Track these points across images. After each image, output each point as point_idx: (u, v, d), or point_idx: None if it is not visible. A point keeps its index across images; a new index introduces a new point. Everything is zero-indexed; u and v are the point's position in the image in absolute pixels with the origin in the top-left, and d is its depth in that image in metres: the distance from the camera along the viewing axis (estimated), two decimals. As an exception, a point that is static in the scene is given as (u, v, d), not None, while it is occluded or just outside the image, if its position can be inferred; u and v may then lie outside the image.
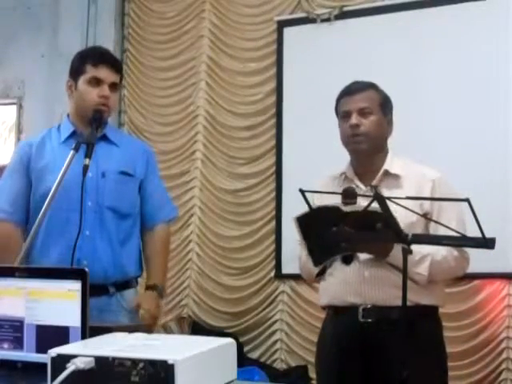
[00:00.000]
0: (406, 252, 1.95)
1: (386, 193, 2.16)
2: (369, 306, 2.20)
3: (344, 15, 4.47)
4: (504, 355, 3.90)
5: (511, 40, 4.02)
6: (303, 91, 4.52)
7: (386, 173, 2.30)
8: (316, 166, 4.23)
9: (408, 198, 2.02)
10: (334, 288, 2.28)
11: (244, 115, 4.79)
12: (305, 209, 2.15)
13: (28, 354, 1.56)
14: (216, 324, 4.71)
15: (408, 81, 4.13)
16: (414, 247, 2.14)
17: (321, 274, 2.36)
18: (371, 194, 2.16)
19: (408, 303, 2.12)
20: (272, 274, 4.60)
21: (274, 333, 4.58)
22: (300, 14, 4.63)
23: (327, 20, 4.51)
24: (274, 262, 4.59)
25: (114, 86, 2.46)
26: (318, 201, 2.32)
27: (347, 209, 2.02)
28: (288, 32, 4.65)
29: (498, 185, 3.94)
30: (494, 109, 4.01)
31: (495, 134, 4.00)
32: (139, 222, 2.56)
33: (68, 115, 2.54)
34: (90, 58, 2.46)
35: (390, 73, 3.94)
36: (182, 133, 4.97)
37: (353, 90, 2.34)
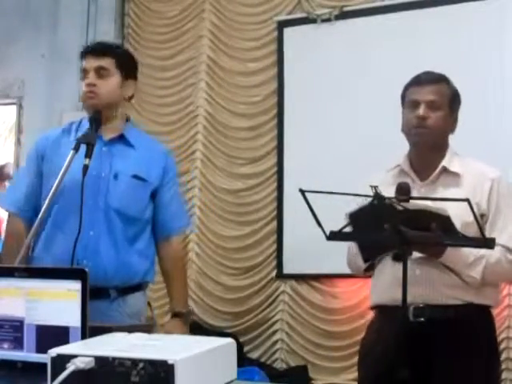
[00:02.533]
0: (406, 252, 1.94)
1: (441, 191, 2.14)
2: (421, 305, 2.12)
3: (344, 15, 4.47)
4: (504, 355, 3.90)
5: (509, 40, 4.02)
6: (304, 91, 4.52)
7: (445, 170, 2.24)
8: (317, 167, 4.26)
9: (410, 198, 2.00)
10: (383, 285, 2.22)
11: (244, 115, 4.79)
12: (311, 208, 2.11)
13: (28, 354, 1.55)
14: (216, 324, 4.71)
15: (407, 81, 4.12)
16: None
17: (370, 269, 2.30)
18: (426, 191, 2.15)
19: (460, 302, 2.10)
20: (273, 274, 4.59)
21: (274, 333, 4.58)
22: (300, 14, 4.63)
23: (327, 20, 4.51)
24: (274, 262, 4.59)
25: (101, 71, 2.37)
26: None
27: (400, 207, 1.94)
28: (288, 32, 4.65)
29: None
30: (494, 108, 4.01)
31: (495, 133, 4.00)
32: (150, 228, 2.49)
33: None
34: (81, 53, 2.44)
35: (390, 73, 3.94)
36: (182, 132, 4.97)
37: (424, 80, 2.28)
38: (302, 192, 2.02)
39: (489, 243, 1.88)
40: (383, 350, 2.20)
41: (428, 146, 2.24)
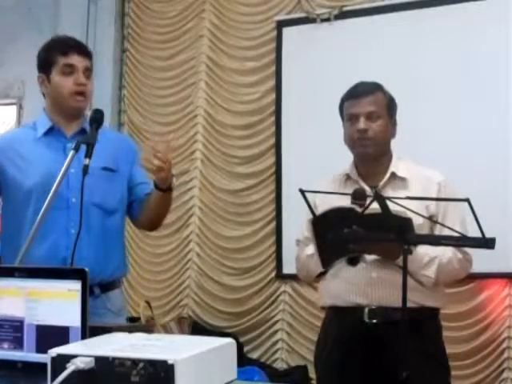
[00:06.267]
0: (406, 252, 1.95)
1: (392, 195, 2.17)
2: (373, 306, 2.20)
3: (344, 15, 4.47)
4: (505, 355, 3.90)
5: (511, 40, 4.02)
6: (302, 91, 4.52)
7: (393, 175, 2.30)
8: (316, 166, 4.24)
9: (408, 198, 2.02)
10: (339, 288, 2.28)
11: (244, 115, 4.79)
12: (306, 209, 2.14)
13: (28, 354, 1.55)
14: (216, 324, 4.71)
15: (407, 81, 4.12)
16: (422, 249, 2.15)
17: (321, 275, 2.35)
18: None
19: (413, 305, 2.15)
20: (273, 274, 4.59)
21: (275, 333, 4.58)
22: (300, 14, 4.63)
23: (327, 20, 4.51)
24: (275, 262, 4.59)
25: (87, 72, 2.39)
26: (319, 201, 2.31)
27: (364, 211, 2.00)
28: (287, 32, 4.65)
29: (498, 185, 3.93)
30: (494, 108, 4.01)
31: (495, 133, 4.00)
32: (124, 221, 2.50)
33: (44, 109, 2.47)
34: (58, 47, 2.41)
35: (390, 73, 3.92)
36: (182, 132, 4.97)
37: (360, 92, 2.31)
38: (302, 192, 2.03)
39: (489, 243, 1.88)
40: (339, 349, 2.27)
41: (373, 155, 2.30)
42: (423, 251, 2.18)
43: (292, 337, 4.52)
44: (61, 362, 1.21)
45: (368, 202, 2.04)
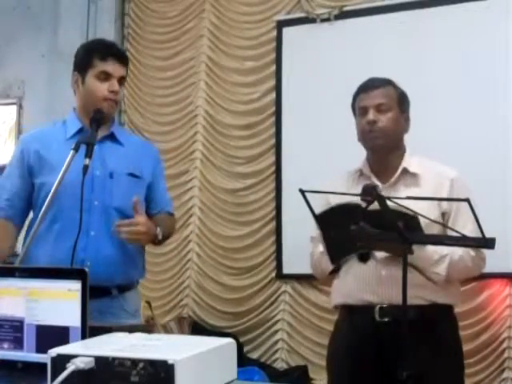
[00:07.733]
0: (406, 252, 1.95)
1: (403, 191, 2.18)
2: (385, 305, 2.18)
3: (344, 15, 4.47)
4: (506, 355, 3.90)
5: (511, 39, 4.02)
6: (303, 91, 4.52)
7: (405, 171, 2.29)
8: (316, 166, 4.26)
9: (408, 197, 2.01)
10: (349, 286, 2.26)
11: (244, 115, 4.79)
12: (311, 208, 2.13)
13: (28, 354, 1.55)
14: (216, 324, 4.71)
15: (407, 81, 4.07)
16: (431, 246, 2.14)
17: (334, 272, 2.34)
18: (389, 192, 2.15)
19: (424, 302, 2.15)
20: (273, 274, 4.59)
21: (275, 333, 4.58)
22: (300, 14, 4.62)
23: (327, 20, 4.50)
24: (275, 262, 4.58)
25: (121, 80, 2.42)
26: (333, 198, 2.29)
27: (369, 207, 1.99)
28: (287, 32, 4.64)
29: (498, 184, 3.93)
30: (494, 108, 4.01)
31: (495, 133, 4.00)
32: None
33: (74, 109, 2.48)
34: (98, 51, 2.41)
35: (390, 73, 3.89)
36: (182, 132, 4.97)
37: (370, 86, 2.33)
38: (302, 192, 2.03)
39: (490, 243, 1.88)
40: (351, 349, 2.25)
41: (384, 148, 2.30)
42: (433, 248, 2.16)
43: (292, 337, 4.52)
44: (61, 361, 1.21)
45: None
